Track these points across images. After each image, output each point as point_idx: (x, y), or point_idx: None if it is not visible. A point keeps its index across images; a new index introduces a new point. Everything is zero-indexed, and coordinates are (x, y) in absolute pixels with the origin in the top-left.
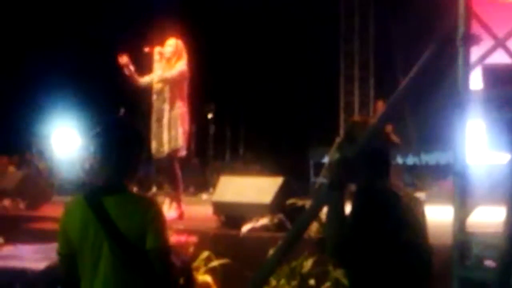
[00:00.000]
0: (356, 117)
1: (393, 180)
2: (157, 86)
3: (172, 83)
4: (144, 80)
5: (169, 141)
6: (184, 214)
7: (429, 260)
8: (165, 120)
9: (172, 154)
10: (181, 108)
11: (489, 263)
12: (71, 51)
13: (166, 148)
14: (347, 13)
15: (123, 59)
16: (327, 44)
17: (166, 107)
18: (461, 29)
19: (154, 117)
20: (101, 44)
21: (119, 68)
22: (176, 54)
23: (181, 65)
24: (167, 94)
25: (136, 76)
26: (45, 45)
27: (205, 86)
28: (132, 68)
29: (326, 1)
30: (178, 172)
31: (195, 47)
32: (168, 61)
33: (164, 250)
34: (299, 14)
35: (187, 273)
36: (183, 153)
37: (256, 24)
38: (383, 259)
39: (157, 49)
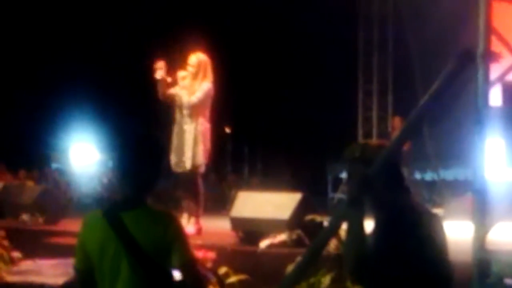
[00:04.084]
0: (364, 141)
1: (413, 196)
2: (179, 101)
3: (200, 103)
4: (171, 92)
5: (192, 157)
6: (202, 230)
7: (451, 278)
8: (189, 136)
9: (195, 170)
10: (204, 125)
11: (509, 281)
12: (90, 66)
13: (188, 164)
14: (366, 28)
15: (160, 64)
16: (346, 59)
17: (190, 123)
18: (480, 46)
19: (175, 132)
20: (120, 58)
21: (150, 72)
22: (199, 73)
23: (207, 84)
24: (191, 111)
25: (166, 82)
26: (64, 60)
27: (224, 102)
28: (165, 75)
29: (344, 16)
30: (201, 187)
31: (214, 64)
32: (193, 78)
33: (193, 264)
34: (318, 30)
35: (221, 283)
36: (202, 169)
37: (274, 41)
38: (405, 276)
39: (180, 74)
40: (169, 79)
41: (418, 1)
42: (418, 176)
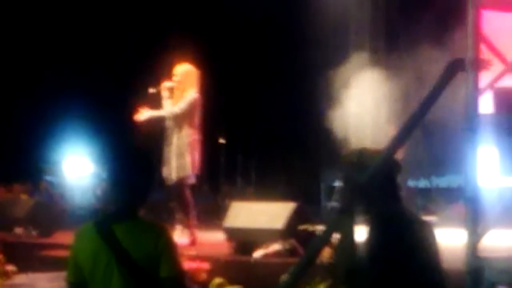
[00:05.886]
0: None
1: (404, 204)
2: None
3: (183, 113)
4: (168, 111)
5: (177, 169)
6: (197, 240)
7: (443, 285)
8: (173, 147)
9: (181, 182)
10: (190, 137)
11: None
12: (83, 79)
13: (174, 176)
14: (357, 34)
15: (139, 118)
16: (336, 68)
17: (175, 134)
18: (469, 54)
19: (165, 144)
20: (113, 70)
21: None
22: (184, 82)
23: (191, 94)
24: (176, 122)
25: (156, 115)
26: (57, 72)
27: (216, 112)
28: (147, 113)
29: (335, 22)
30: (189, 199)
31: (206, 73)
32: (177, 89)
33: (179, 277)
34: (309, 37)
35: None
36: (191, 180)
37: (267, 51)
38: (397, 284)
39: (164, 85)
40: (152, 90)
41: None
42: (411, 183)
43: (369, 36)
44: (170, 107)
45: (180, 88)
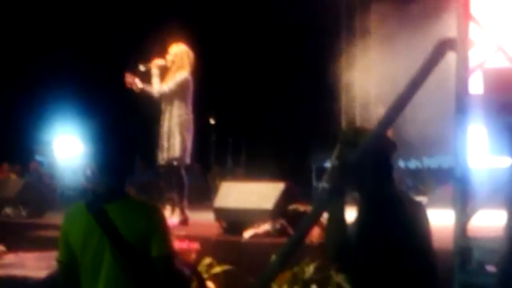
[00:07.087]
0: (356, 124)
1: (397, 185)
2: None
3: (172, 93)
4: (155, 89)
5: (167, 150)
6: (189, 221)
7: (434, 266)
8: (165, 128)
9: (173, 162)
10: (181, 117)
11: (490, 268)
12: (73, 57)
13: (164, 156)
14: (348, 15)
15: (129, 79)
16: (328, 47)
17: (167, 115)
18: (459, 33)
19: (160, 123)
20: (104, 50)
21: (127, 85)
22: (176, 63)
23: (181, 75)
24: (166, 102)
25: (147, 90)
26: (46, 51)
27: (207, 92)
28: (139, 84)
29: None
30: (184, 179)
31: (197, 53)
32: (170, 69)
33: (170, 257)
34: (300, 21)
35: (200, 278)
36: (187, 161)
37: (258, 30)
38: (388, 265)
39: (155, 63)
40: (142, 68)
41: None
42: (402, 164)
43: (358, 11)
44: (158, 86)
45: (173, 68)
